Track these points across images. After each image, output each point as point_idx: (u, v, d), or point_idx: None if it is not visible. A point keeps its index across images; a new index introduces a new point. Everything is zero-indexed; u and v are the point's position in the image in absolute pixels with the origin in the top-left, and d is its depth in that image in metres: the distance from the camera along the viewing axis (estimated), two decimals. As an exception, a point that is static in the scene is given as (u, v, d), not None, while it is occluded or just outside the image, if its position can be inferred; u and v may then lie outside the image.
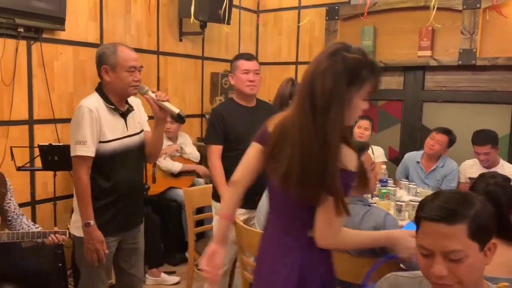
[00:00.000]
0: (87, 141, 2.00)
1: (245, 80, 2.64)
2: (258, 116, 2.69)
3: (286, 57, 5.06)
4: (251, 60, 2.67)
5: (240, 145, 2.60)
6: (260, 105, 2.80)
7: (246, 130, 2.61)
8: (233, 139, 2.60)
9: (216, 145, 2.62)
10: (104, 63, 2.08)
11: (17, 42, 3.09)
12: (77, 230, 2.12)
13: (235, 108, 2.69)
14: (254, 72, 2.64)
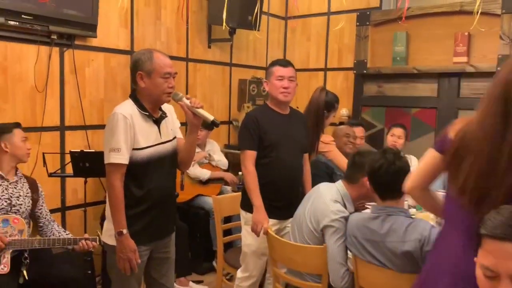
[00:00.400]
0: (121, 148, 1.97)
1: (279, 87, 2.57)
2: (292, 125, 2.66)
3: (314, 64, 4.99)
4: (287, 66, 2.60)
5: (273, 152, 2.54)
6: (294, 114, 2.74)
7: (280, 138, 2.56)
8: (266, 145, 2.54)
9: (251, 150, 2.56)
10: (139, 69, 2.05)
11: (50, 49, 3.12)
12: (109, 238, 2.09)
13: (270, 115, 2.62)
14: (289, 79, 2.57)
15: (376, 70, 4.35)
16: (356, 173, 2.22)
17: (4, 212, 2.37)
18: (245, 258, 2.62)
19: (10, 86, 2.94)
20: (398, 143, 3.67)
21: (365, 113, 4.54)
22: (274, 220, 2.56)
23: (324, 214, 2.13)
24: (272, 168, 2.54)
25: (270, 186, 2.53)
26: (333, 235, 2.08)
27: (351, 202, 2.24)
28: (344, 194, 2.24)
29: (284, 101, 2.60)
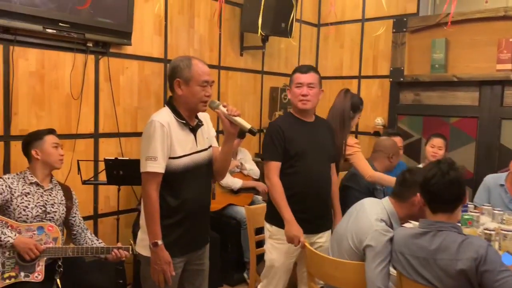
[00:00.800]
0: (158, 157, 1.92)
1: (298, 95, 2.48)
2: (317, 133, 2.55)
3: (348, 71, 4.88)
4: (307, 72, 2.47)
5: (299, 162, 2.44)
6: (319, 121, 2.64)
7: (306, 147, 2.46)
8: (292, 155, 2.45)
9: (275, 161, 2.46)
10: (177, 76, 2.01)
11: (86, 56, 3.13)
12: (143, 249, 2.04)
13: (294, 123, 2.52)
14: (308, 85, 2.45)
15: (413, 78, 4.21)
16: (406, 191, 2.10)
17: (39, 219, 2.36)
18: (269, 273, 2.52)
19: (47, 94, 2.97)
20: (438, 154, 3.52)
21: (401, 122, 4.40)
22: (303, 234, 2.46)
23: (367, 232, 2.01)
24: (299, 179, 2.44)
25: (296, 198, 2.43)
26: (375, 258, 1.95)
27: (398, 222, 2.12)
28: (391, 213, 2.12)
29: (303, 109, 2.50)
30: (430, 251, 1.76)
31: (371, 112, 4.71)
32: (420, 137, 4.26)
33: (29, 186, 2.40)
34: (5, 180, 2.33)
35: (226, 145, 2.12)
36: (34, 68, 2.89)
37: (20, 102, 2.84)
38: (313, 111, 2.60)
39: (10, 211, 2.31)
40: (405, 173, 2.17)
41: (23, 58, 2.83)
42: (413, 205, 2.07)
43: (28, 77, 2.87)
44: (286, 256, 2.45)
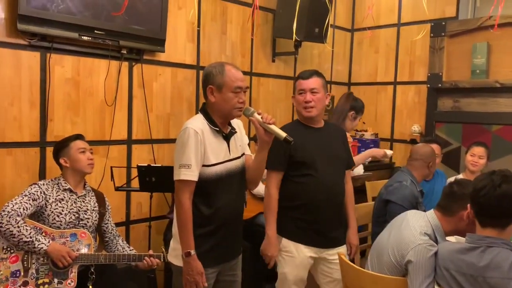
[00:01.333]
0: (192, 164, 1.89)
1: (301, 102, 2.39)
2: (327, 139, 2.44)
3: (383, 77, 4.76)
4: (309, 78, 2.38)
5: (309, 170, 2.34)
6: (329, 127, 2.54)
7: (315, 153, 2.36)
8: (300, 162, 2.35)
9: (276, 171, 2.39)
10: (210, 83, 1.97)
11: (120, 63, 3.15)
12: (175, 258, 2.00)
13: (300, 130, 2.42)
14: (311, 91, 2.36)
15: (452, 84, 4.05)
16: (454, 204, 1.98)
17: (72, 226, 2.37)
18: (283, 286, 2.44)
19: (82, 100, 2.99)
20: (479, 163, 3.36)
21: (439, 130, 4.24)
22: (310, 247, 2.37)
23: (409, 246, 1.90)
24: (309, 187, 2.34)
25: (306, 208, 2.34)
26: (419, 274, 1.83)
27: (443, 236, 1.99)
28: (436, 227, 1.99)
29: (308, 117, 2.41)
30: (479, 268, 1.64)
31: (407, 119, 4.57)
32: (459, 146, 4.09)
33: (63, 193, 2.41)
34: (40, 187, 2.34)
35: (260, 154, 2.07)
36: (69, 75, 2.92)
37: (56, 109, 2.88)
38: (321, 117, 2.50)
39: (45, 217, 2.32)
40: (453, 185, 2.04)
41: (59, 65, 2.87)
42: (461, 220, 1.94)
43: (64, 84, 2.90)
44: (298, 269, 2.37)
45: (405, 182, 2.74)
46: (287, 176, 2.40)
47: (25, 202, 2.24)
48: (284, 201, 2.39)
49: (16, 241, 2.17)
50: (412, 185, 2.74)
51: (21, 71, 2.72)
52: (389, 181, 2.92)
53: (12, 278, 2.19)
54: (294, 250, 2.35)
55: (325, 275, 2.42)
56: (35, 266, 2.23)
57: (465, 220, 1.92)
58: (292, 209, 2.38)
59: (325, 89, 2.43)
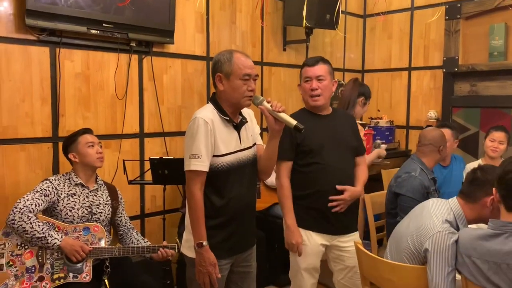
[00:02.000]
0: (202, 155, 1.85)
1: (307, 89, 2.34)
2: (335, 126, 2.38)
3: (397, 63, 4.66)
4: (314, 65, 2.32)
5: (317, 158, 2.29)
6: (337, 113, 2.47)
7: (323, 142, 2.31)
8: (307, 151, 2.31)
9: (285, 161, 2.34)
10: (218, 71, 1.93)
11: (129, 56, 3.13)
12: (188, 250, 1.98)
13: (307, 118, 2.35)
14: (317, 78, 2.31)
15: (469, 68, 3.94)
16: (478, 191, 1.91)
17: (85, 220, 2.36)
18: (296, 275, 2.40)
19: (92, 94, 2.99)
20: (499, 149, 3.26)
21: (456, 115, 4.13)
22: (322, 234, 2.33)
23: (428, 234, 1.84)
24: (318, 176, 2.30)
25: (316, 196, 2.30)
26: (439, 262, 1.77)
27: (465, 224, 1.92)
28: (458, 214, 1.93)
29: (315, 106, 2.35)
30: (503, 255, 1.58)
31: (423, 105, 4.47)
32: (477, 131, 3.99)
33: (74, 187, 2.40)
34: (51, 182, 2.34)
35: (271, 143, 2.02)
36: (79, 70, 2.91)
37: (67, 104, 2.88)
38: (328, 104, 2.43)
39: (57, 212, 2.32)
40: (477, 171, 1.96)
41: (68, 59, 2.86)
42: (484, 207, 1.87)
43: (74, 78, 2.89)
44: (310, 257, 2.34)
45: (414, 173, 2.65)
46: (295, 165, 2.37)
47: (37, 198, 2.24)
48: (294, 190, 2.36)
49: (29, 237, 2.17)
50: (422, 174, 2.65)
51: (31, 66, 2.72)
52: (398, 171, 2.82)
53: (28, 274, 2.19)
54: (305, 237, 2.32)
55: (337, 262, 2.39)
56: (49, 261, 2.24)
57: (488, 207, 1.85)
58: (301, 198, 2.34)
59: (332, 76, 2.38)
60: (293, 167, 2.37)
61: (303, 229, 2.33)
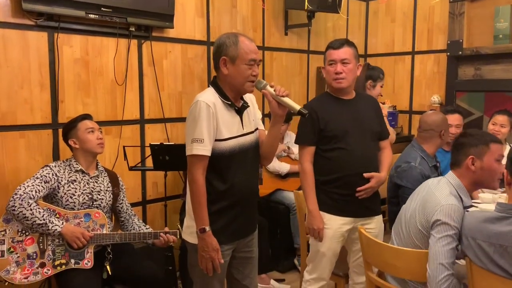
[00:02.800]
0: (204, 139, 1.82)
1: (331, 73, 2.29)
2: (359, 110, 2.34)
3: (400, 47, 4.60)
4: (340, 48, 2.27)
5: (340, 143, 2.27)
6: (361, 98, 2.43)
7: (346, 126, 2.28)
8: (330, 136, 2.28)
9: (307, 146, 2.32)
10: (223, 54, 1.88)
11: (128, 41, 3.09)
12: (190, 236, 1.96)
13: (331, 103, 2.33)
14: (342, 62, 2.26)
15: (474, 51, 3.88)
16: (459, 155, 1.97)
17: (86, 206, 2.35)
18: (315, 258, 2.39)
19: (92, 80, 2.95)
20: (501, 132, 3.22)
21: (460, 99, 4.09)
22: (346, 218, 2.31)
23: (434, 209, 1.84)
24: (341, 161, 2.28)
25: (341, 181, 2.29)
26: (441, 231, 1.78)
27: (466, 193, 1.94)
28: (457, 185, 1.95)
29: (337, 89, 2.31)
30: (510, 238, 1.56)
31: (426, 90, 4.42)
32: (481, 115, 3.95)
33: (75, 174, 2.38)
34: (52, 168, 2.32)
35: (273, 128, 1.99)
36: (78, 55, 2.87)
37: (66, 90, 2.84)
38: (352, 88, 2.39)
39: (58, 198, 2.30)
40: (458, 138, 2.05)
41: (67, 45, 2.82)
42: (469, 169, 1.93)
43: (73, 64, 2.85)
44: (331, 241, 2.32)
45: (414, 162, 2.59)
46: (319, 150, 2.34)
47: (37, 185, 2.22)
48: (317, 175, 2.34)
49: (30, 223, 2.16)
50: (422, 163, 2.60)
51: (29, 52, 2.68)
52: (398, 159, 2.76)
53: (29, 260, 2.19)
54: (328, 221, 2.30)
55: (356, 243, 2.36)
56: (51, 247, 2.23)
57: (471, 168, 1.92)
58: (325, 183, 2.32)
59: (357, 59, 2.33)
60: (316, 152, 2.34)
61: (325, 213, 2.32)
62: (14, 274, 2.15)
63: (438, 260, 1.76)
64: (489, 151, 1.91)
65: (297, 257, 3.61)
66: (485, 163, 1.91)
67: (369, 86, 3.22)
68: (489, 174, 1.92)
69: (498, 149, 1.92)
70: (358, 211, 2.33)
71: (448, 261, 1.76)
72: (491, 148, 1.91)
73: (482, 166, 1.91)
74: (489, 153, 1.91)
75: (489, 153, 1.91)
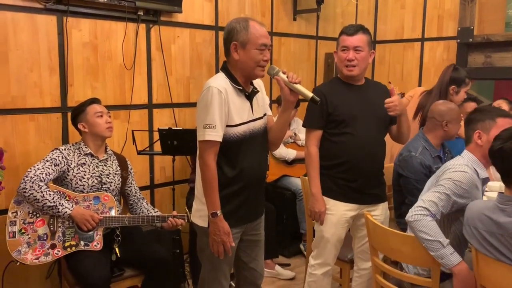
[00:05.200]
0: (216, 125, 1.83)
1: (343, 59, 2.27)
2: (368, 96, 2.33)
3: (410, 34, 4.54)
4: (354, 34, 2.24)
5: (348, 128, 2.26)
6: (370, 84, 2.42)
7: (355, 112, 2.27)
8: (339, 121, 2.28)
9: (315, 129, 2.32)
10: (234, 39, 1.88)
11: (137, 25, 3.08)
12: (200, 219, 1.98)
13: (340, 88, 2.32)
14: (355, 49, 2.24)
15: (484, 38, 3.83)
16: (468, 131, 2.07)
17: (95, 189, 2.38)
18: (320, 243, 2.41)
19: (101, 64, 2.96)
20: None
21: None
22: (351, 204, 2.32)
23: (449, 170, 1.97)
24: (349, 146, 2.27)
25: (346, 166, 2.28)
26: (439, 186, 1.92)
27: (480, 166, 1.99)
28: (471, 159, 2.01)
29: (349, 76, 2.30)
30: (508, 229, 1.57)
31: (435, 78, 4.33)
32: (491, 103, 3.90)
33: (84, 157, 2.40)
34: (61, 152, 2.34)
35: (284, 114, 1.99)
36: (87, 39, 2.88)
37: (76, 74, 2.85)
38: (363, 75, 2.38)
39: (68, 181, 2.33)
40: (469, 114, 2.10)
41: (76, 28, 2.82)
42: (477, 144, 2.00)
43: (82, 48, 2.86)
44: (336, 227, 2.33)
45: (414, 152, 2.54)
46: (326, 134, 2.34)
47: (47, 168, 2.24)
48: (323, 159, 2.34)
49: (41, 205, 2.19)
50: (423, 153, 2.54)
51: (39, 35, 2.68)
52: (404, 147, 2.70)
53: (40, 242, 2.22)
54: (332, 207, 2.31)
55: (361, 229, 2.38)
56: (61, 229, 2.26)
57: (478, 143, 1.99)
58: (331, 167, 2.33)
59: (370, 47, 2.31)
60: (323, 136, 2.34)
61: (331, 199, 2.33)
62: (26, 255, 2.19)
63: (421, 197, 1.92)
64: (496, 125, 1.94)
65: (303, 243, 3.64)
66: (491, 137, 1.87)
67: (452, 92, 2.95)
68: None
69: (506, 123, 1.91)
70: (364, 198, 2.33)
71: (432, 206, 1.88)
72: (497, 122, 1.94)
73: (489, 139, 1.90)
74: (495, 127, 1.92)
75: (496, 127, 1.93)
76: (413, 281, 1.96)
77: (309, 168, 2.34)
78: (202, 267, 2.06)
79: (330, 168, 2.33)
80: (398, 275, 2.02)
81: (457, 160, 2.03)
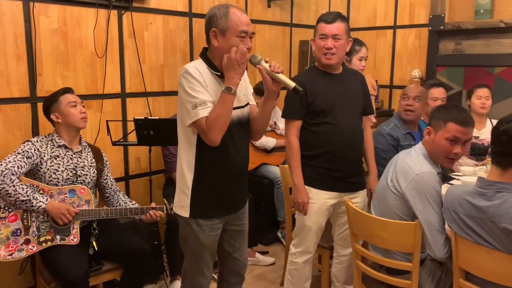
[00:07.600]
0: (206, 100, 1.78)
1: (321, 47, 2.26)
2: (346, 85, 2.34)
3: (382, 21, 4.59)
4: (332, 22, 2.23)
5: (328, 118, 2.27)
6: (348, 72, 2.43)
7: (334, 101, 2.28)
8: (318, 111, 2.28)
9: (294, 120, 2.32)
10: (213, 26, 1.83)
11: (108, 12, 2.98)
12: (181, 209, 1.94)
13: (318, 77, 2.31)
14: (333, 37, 2.23)
15: (455, 26, 3.91)
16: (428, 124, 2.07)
17: (70, 182, 2.30)
18: (301, 232, 2.43)
19: (71, 52, 2.84)
20: (487, 104, 3.30)
21: (440, 74, 4.13)
22: (332, 192, 2.34)
23: (408, 173, 1.94)
24: (328, 135, 2.28)
25: (327, 156, 2.30)
26: (423, 199, 1.88)
27: (431, 161, 2.00)
28: (423, 153, 2.02)
29: (327, 64, 2.29)
30: (487, 213, 1.60)
31: (407, 65, 4.45)
32: (460, 90, 4.01)
33: (57, 149, 2.32)
34: (33, 144, 2.25)
35: (266, 104, 1.95)
36: (56, 26, 2.76)
37: (44, 62, 2.73)
38: (341, 63, 2.38)
39: (41, 174, 2.24)
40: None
41: (44, 15, 2.70)
42: (426, 140, 2.04)
43: (50, 35, 2.74)
44: (317, 215, 2.35)
45: (385, 126, 2.81)
46: (305, 124, 2.33)
47: (19, 160, 2.15)
48: (304, 150, 2.33)
49: (13, 200, 2.10)
50: (394, 128, 2.79)
51: (4, 22, 2.55)
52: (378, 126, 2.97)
53: (13, 237, 2.14)
54: (314, 196, 2.32)
55: (341, 217, 2.41)
56: (35, 223, 2.18)
57: (426, 136, 2.03)
58: (312, 157, 2.33)
59: (348, 35, 2.30)
60: (303, 126, 2.34)
61: (311, 188, 2.33)
62: (-2, 252, 2.11)
63: (433, 226, 1.87)
64: (444, 129, 1.94)
65: (280, 230, 3.66)
66: (436, 138, 1.97)
67: (345, 61, 3.08)
68: (438, 150, 1.97)
69: (456, 131, 1.92)
70: (344, 186, 2.35)
71: (441, 225, 1.87)
72: (447, 126, 1.93)
73: (434, 140, 1.97)
74: (443, 130, 1.94)
75: (443, 130, 1.94)
76: (394, 266, 2.00)
77: (291, 159, 2.33)
78: (184, 259, 2.03)
79: (311, 158, 2.33)
80: (379, 260, 2.05)
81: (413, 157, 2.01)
